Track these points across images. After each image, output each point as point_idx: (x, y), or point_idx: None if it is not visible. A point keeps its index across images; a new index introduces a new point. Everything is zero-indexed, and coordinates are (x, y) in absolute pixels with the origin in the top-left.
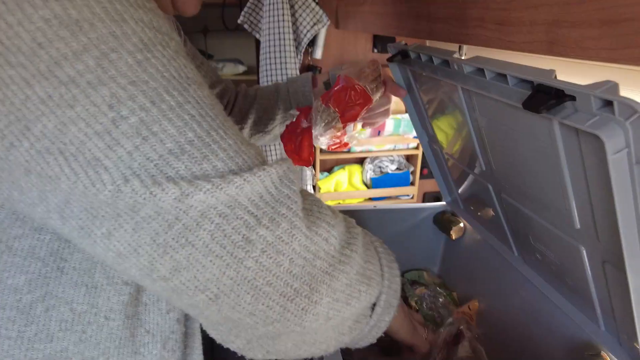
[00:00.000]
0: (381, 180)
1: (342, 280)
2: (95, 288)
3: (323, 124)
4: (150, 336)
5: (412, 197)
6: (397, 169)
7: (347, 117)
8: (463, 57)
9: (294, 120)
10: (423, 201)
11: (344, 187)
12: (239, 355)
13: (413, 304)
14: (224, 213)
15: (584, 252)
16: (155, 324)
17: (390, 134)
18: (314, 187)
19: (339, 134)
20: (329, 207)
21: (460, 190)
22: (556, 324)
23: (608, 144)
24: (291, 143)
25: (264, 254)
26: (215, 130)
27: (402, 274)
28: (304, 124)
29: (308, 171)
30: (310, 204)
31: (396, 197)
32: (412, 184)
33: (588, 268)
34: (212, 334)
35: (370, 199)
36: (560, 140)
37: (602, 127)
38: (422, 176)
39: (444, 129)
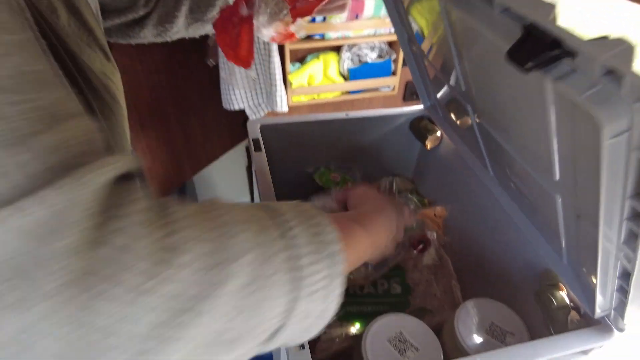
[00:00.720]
0: (359, 71)
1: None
2: None
3: (268, 14)
4: None
5: (393, 89)
6: (379, 56)
7: (299, 11)
8: None
9: (231, 3)
10: (405, 91)
11: (318, 80)
12: None
13: None
14: None
15: (559, 201)
16: None
17: (370, 17)
18: (284, 81)
19: (285, 28)
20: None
21: (439, 96)
22: (520, 247)
23: (606, 128)
24: (226, 34)
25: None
26: None
27: (375, 182)
28: (244, 11)
29: (279, 88)
30: (119, 252)
31: (376, 90)
32: (394, 73)
33: (561, 216)
34: None
35: (348, 93)
36: (551, 98)
37: (602, 103)
38: (404, 63)
39: (424, 33)
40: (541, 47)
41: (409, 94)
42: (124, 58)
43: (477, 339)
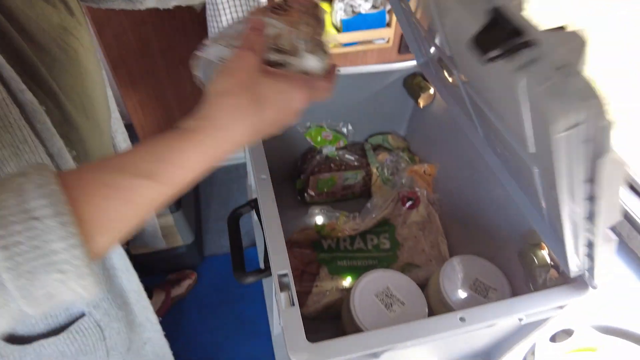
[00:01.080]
0: (353, 22)
1: None
2: None
3: None
4: None
5: (388, 41)
6: (373, 7)
7: None
8: None
9: None
10: (400, 43)
11: None
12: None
13: (374, 170)
14: None
15: (537, 173)
16: None
17: None
18: None
19: None
20: None
21: (432, 52)
22: (506, 206)
23: (553, 125)
24: None
25: None
26: None
27: (367, 139)
28: None
29: None
30: None
31: (370, 42)
32: (389, 25)
33: (539, 186)
34: None
35: (341, 46)
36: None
37: (553, 99)
38: None
39: None
40: (503, 35)
41: (404, 47)
42: (107, 10)
43: (462, 294)
